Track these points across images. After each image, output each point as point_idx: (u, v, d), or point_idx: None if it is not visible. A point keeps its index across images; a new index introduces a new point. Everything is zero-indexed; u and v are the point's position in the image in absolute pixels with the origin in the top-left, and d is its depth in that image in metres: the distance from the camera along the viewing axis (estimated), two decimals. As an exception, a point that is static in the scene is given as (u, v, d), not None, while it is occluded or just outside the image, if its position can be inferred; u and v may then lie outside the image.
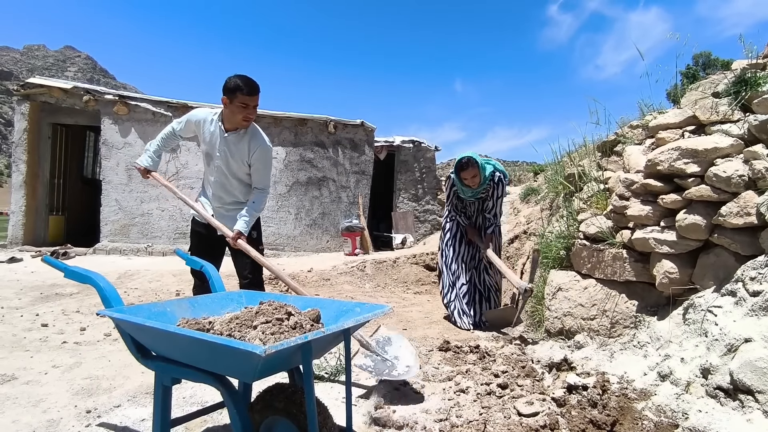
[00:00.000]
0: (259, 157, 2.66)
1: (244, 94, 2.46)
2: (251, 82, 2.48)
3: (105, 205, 7.99)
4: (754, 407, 1.65)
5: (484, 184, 3.68)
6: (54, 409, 2.07)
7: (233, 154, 2.63)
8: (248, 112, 2.52)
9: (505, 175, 3.81)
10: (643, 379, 2.19)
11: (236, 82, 2.46)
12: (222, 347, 1.20)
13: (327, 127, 9.08)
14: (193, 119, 2.72)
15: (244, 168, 2.68)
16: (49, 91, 7.94)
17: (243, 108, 2.49)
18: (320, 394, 2.14)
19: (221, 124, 2.61)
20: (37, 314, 3.79)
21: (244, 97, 2.47)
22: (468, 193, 3.77)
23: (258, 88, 2.52)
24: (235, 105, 2.48)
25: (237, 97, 2.46)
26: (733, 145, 2.26)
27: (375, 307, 1.63)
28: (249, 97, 2.48)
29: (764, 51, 2.77)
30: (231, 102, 2.48)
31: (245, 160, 2.65)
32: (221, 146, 2.62)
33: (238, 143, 2.62)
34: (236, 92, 2.46)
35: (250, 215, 2.62)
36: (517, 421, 1.91)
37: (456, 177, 3.70)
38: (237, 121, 2.55)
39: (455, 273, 3.91)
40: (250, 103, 2.50)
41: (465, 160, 3.58)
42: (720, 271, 2.22)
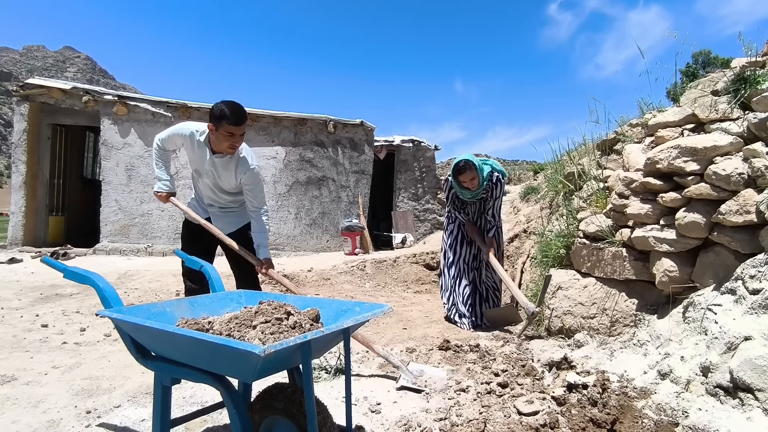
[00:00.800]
0: (248, 181, 2.67)
1: (230, 123, 2.41)
2: (238, 111, 2.43)
3: (105, 206, 7.98)
4: (754, 405, 1.65)
5: (483, 185, 3.66)
6: (54, 409, 2.07)
7: (221, 176, 2.67)
8: (234, 141, 2.48)
9: (504, 174, 3.79)
10: (643, 377, 2.19)
11: (222, 110, 2.40)
12: (221, 347, 1.19)
13: (326, 127, 9.08)
14: (179, 133, 2.69)
15: (233, 183, 2.71)
16: (48, 92, 7.94)
17: (229, 136, 2.45)
18: (320, 393, 2.14)
19: (209, 145, 2.59)
20: (37, 315, 3.79)
21: (229, 127, 2.42)
22: (467, 195, 3.75)
23: (244, 116, 2.48)
24: (220, 133, 2.44)
25: (223, 125, 2.41)
26: (733, 143, 2.26)
27: (374, 307, 1.63)
28: (235, 127, 2.43)
29: (763, 49, 2.77)
30: (217, 130, 2.44)
31: (233, 182, 2.70)
32: (209, 166, 2.64)
33: (225, 166, 2.63)
34: (222, 121, 2.40)
35: (265, 240, 2.68)
36: (517, 420, 1.91)
37: (454, 180, 3.67)
38: (223, 149, 2.53)
39: (457, 276, 3.89)
40: (236, 132, 2.45)
41: (462, 163, 3.56)
42: (720, 269, 2.22)
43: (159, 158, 2.80)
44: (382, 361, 2.78)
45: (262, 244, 2.68)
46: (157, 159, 2.80)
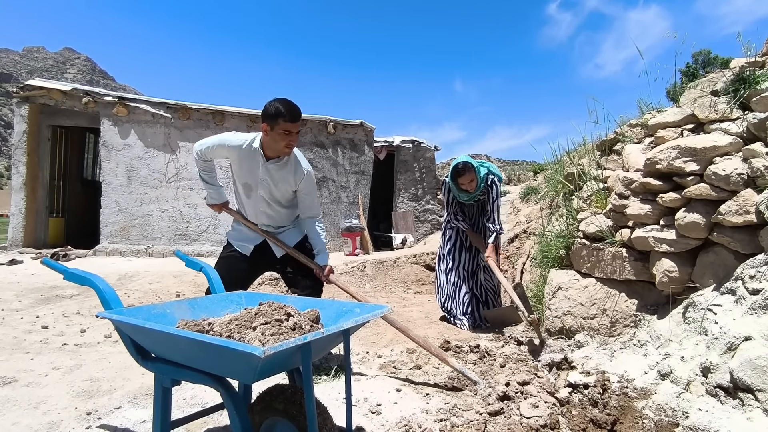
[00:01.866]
0: (306, 186, 2.58)
1: (287, 120, 2.32)
2: (294, 108, 2.35)
3: (105, 207, 7.99)
4: (755, 406, 1.65)
5: (481, 188, 3.66)
6: (54, 411, 2.07)
7: (277, 183, 2.52)
8: (291, 139, 2.38)
9: (499, 177, 3.78)
10: (643, 378, 2.19)
11: (278, 108, 2.31)
12: (221, 349, 1.20)
13: (326, 128, 9.08)
14: (226, 144, 2.52)
15: (289, 195, 2.60)
16: (48, 93, 7.94)
17: (286, 135, 2.35)
18: (320, 394, 2.14)
19: (262, 152, 2.47)
20: (38, 316, 3.79)
21: (286, 125, 2.33)
22: (464, 198, 3.74)
23: (300, 113, 2.39)
24: (276, 132, 2.34)
25: (279, 124, 2.32)
26: (732, 143, 2.26)
27: (374, 308, 1.63)
28: (292, 124, 2.34)
29: (763, 49, 2.77)
30: (272, 129, 2.34)
31: (290, 189, 2.57)
32: (263, 175, 2.50)
33: (281, 171, 2.51)
34: (278, 119, 2.31)
35: (324, 246, 2.62)
36: (517, 420, 1.91)
37: (452, 183, 3.66)
38: (279, 149, 2.42)
39: (456, 283, 3.87)
40: (293, 130, 2.36)
41: (461, 165, 3.54)
42: (720, 269, 2.22)
43: (203, 169, 2.66)
44: (382, 362, 2.78)
45: (322, 251, 2.60)
46: (201, 171, 2.67)
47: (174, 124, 8.11)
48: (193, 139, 8.11)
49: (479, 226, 3.91)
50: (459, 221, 3.86)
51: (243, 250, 2.62)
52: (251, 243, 2.63)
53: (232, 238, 2.68)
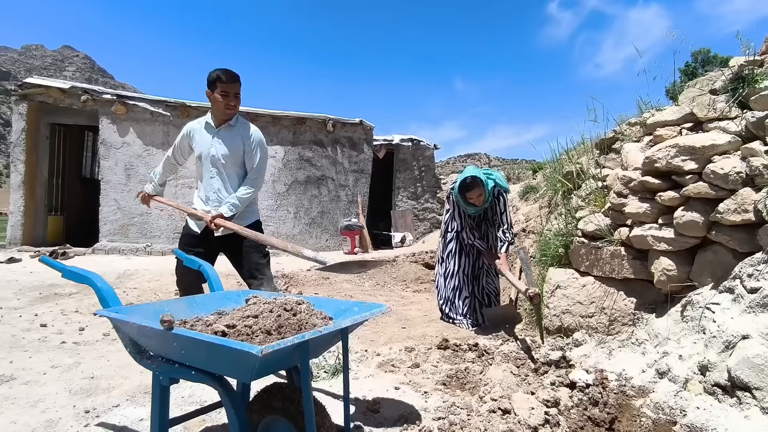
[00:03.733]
0: (255, 142, 2.71)
1: (224, 82, 2.56)
2: (229, 71, 2.59)
3: (104, 205, 7.98)
4: (752, 404, 1.65)
5: (489, 201, 3.57)
6: (53, 409, 2.07)
7: (227, 147, 2.68)
8: (229, 100, 2.59)
9: (506, 189, 3.68)
10: (641, 376, 2.19)
11: (216, 73, 2.57)
12: (219, 347, 1.20)
13: (325, 126, 9.08)
14: (183, 133, 2.78)
15: (239, 159, 2.72)
16: (47, 91, 7.92)
17: (224, 96, 2.57)
18: (318, 393, 2.14)
19: (212, 122, 2.70)
20: (36, 314, 3.79)
21: (223, 85, 2.56)
22: (471, 211, 3.66)
23: (237, 76, 2.61)
24: (216, 95, 2.57)
25: (217, 87, 2.56)
26: (731, 142, 2.26)
27: (373, 306, 1.63)
28: (228, 85, 2.57)
29: (762, 48, 2.77)
30: (213, 92, 2.58)
31: (239, 150, 2.70)
32: (214, 141, 2.69)
33: (228, 134, 2.69)
34: (216, 83, 2.56)
35: (237, 199, 2.62)
36: (515, 419, 1.91)
37: (459, 196, 3.53)
38: (221, 111, 2.62)
39: (456, 287, 3.82)
40: (230, 91, 2.58)
41: (469, 180, 3.42)
42: (718, 268, 2.22)
43: (163, 166, 2.89)
44: (380, 360, 2.78)
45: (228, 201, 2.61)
46: (160, 166, 2.89)
47: (173, 122, 8.10)
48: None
49: (482, 231, 3.85)
50: (474, 239, 3.72)
51: (195, 227, 2.72)
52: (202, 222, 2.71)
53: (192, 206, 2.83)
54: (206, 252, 2.67)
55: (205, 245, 2.69)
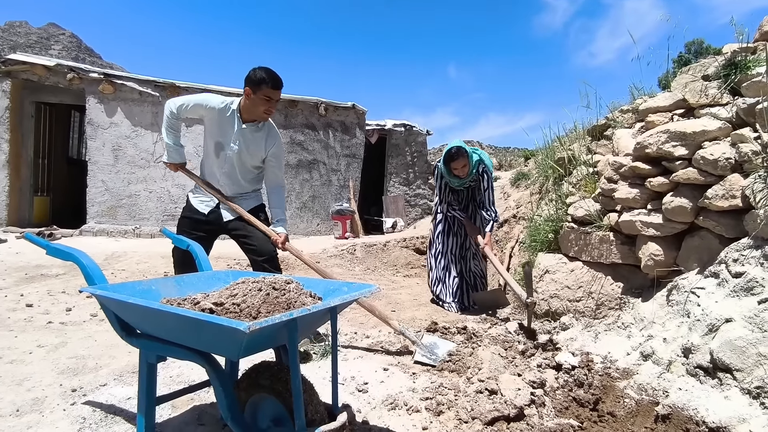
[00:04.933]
0: (276, 153, 2.67)
1: (269, 87, 2.45)
2: (276, 76, 2.48)
3: (91, 186, 7.86)
4: (732, 385, 1.69)
5: (472, 173, 3.65)
6: (39, 387, 2.05)
7: (248, 147, 2.59)
8: (270, 106, 2.51)
9: (490, 165, 3.76)
10: (626, 358, 2.23)
11: (262, 75, 2.44)
12: (206, 324, 1.19)
13: (318, 110, 8.98)
14: (204, 104, 2.57)
15: (257, 162, 2.67)
16: (31, 69, 7.72)
17: (266, 101, 2.48)
18: (307, 373, 2.15)
19: (239, 115, 2.56)
20: (22, 294, 3.74)
21: (268, 90, 2.45)
22: (456, 183, 3.71)
23: (282, 82, 2.51)
24: (258, 97, 2.46)
25: (261, 89, 2.44)
26: (721, 128, 2.27)
27: (362, 287, 1.63)
28: (273, 91, 2.47)
29: (755, 35, 2.77)
30: (254, 93, 2.46)
31: (260, 154, 2.64)
32: (237, 137, 2.57)
33: (254, 135, 2.60)
34: (261, 85, 2.44)
35: (284, 215, 2.68)
36: (501, 399, 1.93)
37: (444, 167, 3.62)
38: (258, 114, 2.53)
39: (445, 267, 3.88)
40: (274, 97, 2.49)
41: (454, 150, 3.51)
42: (704, 253, 2.25)
43: (170, 127, 2.63)
44: (370, 342, 2.80)
45: (282, 221, 2.66)
46: (168, 128, 2.63)
47: (162, 103, 7.95)
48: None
49: (470, 211, 3.91)
50: (455, 211, 3.83)
51: (200, 208, 2.65)
52: (209, 203, 2.66)
53: (192, 197, 2.72)
54: (209, 235, 2.66)
55: (209, 227, 2.65)
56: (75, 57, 20.24)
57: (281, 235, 2.60)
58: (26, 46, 20.63)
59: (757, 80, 2.25)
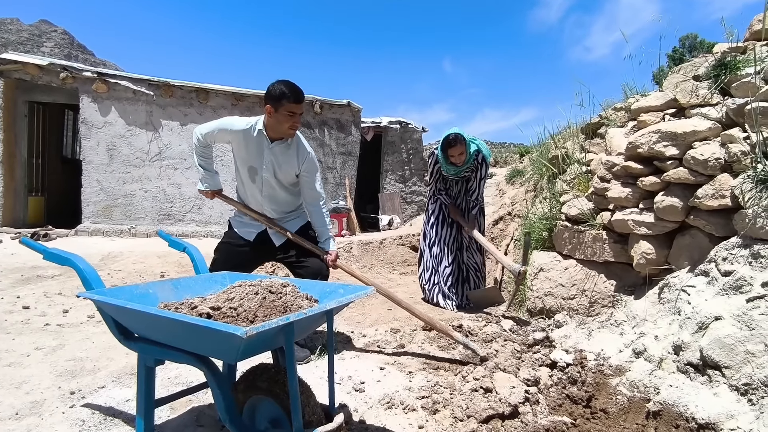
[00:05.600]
0: (309, 168, 2.58)
1: (291, 102, 2.36)
2: (297, 89, 2.40)
3: (86, 186, 7.83)
4: (721, 381, 1.73)
5: (469, 163, 3.65)
6: (37, 390, 2.07)
7: (281, 165, 2.53)
8: (294, 120, 2.42)
9: (488, 156, 3.78)
10: (618, 356, 2.26)
11: (282, 90, 2.36)
12: (203, 329, 1.20)
13: (312, 107, 8.97)
14: (228, 128, 2.51)
15: (292, 178, 2.59)
16: (23, 68, 7.66)
17: (290, 117, 2.39)
18: (304, 373, 2.18)
19: (265, 134, 2.48)
20: (18, 296, 3.75)
21: (290, 105, 2.37)
22: (451, 171, 3.72)
23: (303, 94, 2.43)
24: (281, 114, 2.38)
25: (283, 105, 2.36)
26: (711, 128, 2.30)
27: (358, 289, 1.65)
28: (295, 105, 2.39)
29: (745, 35, 2.80)
30: (276, 111, 2.38)
31: (294, 171, 2.56)
32: (268, 157, 2.51)
33: (285, 153, 2.53)
34: (282, 100, 2.35)
35: (329, 232, 2.64)
36: (496, 397, 1.96)
37: (442, 154, 3.61)
38: (283, 131, 2.44)
39: (438, 256, 3.90)
40: (297, 111, 2.41)
41: (452, 136, 3.50)
42: (695, 251, 2.29)
43: (200, 155, 2.62)
44: (366, 342, 2.82)
45: (328, 237, 2.61)
46: (199, 156, 2.62)
47: (156, 102, 7.92)
48: (176, 117, 7.94)
49: (463, 207, 3.92)
50: (441, 195, 3.87)
51: (246, 236, 2.59)
52: (255, 229, 2.61)
53: (236, 223, 2.66)
54: (253, 261, 2.63)
55: (255, 254, 2.60)
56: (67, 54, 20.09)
57: (332, 253, 2.57)
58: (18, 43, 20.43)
59: (747, 80, 2.28)
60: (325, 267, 2.57)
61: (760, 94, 2.12)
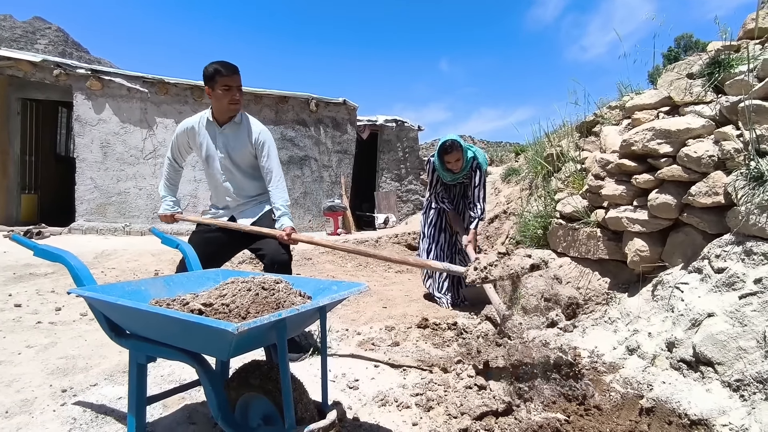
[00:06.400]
0: (260, 141, 2.53)
1: (224, 76, 2.37)
2: (229, 63, 2.41)
3: (80, 184, 7.78)
4: (713, 378, 1.73)
5: (466, 170, 3.64)
6: (28, 388, 2.05)
7: (234, 147, 2.53)
8: (232, 94, 2.42)
9: (484, 163, 3.73)
10: (612, 353, 2.27)
11: (214, 67, 2.38)
12: (195, 325, 1.19)
13: (309, 105, 8.95)
14: (182, 129, 2.58)
15: (249, 160, 2.58)
16: (16, 64, 7.60)
17: (227, 91, 2.40)
18: (298, 370, 2.17)
19: (214, 121, 2.52)
20: (10, 294, 3.71)
21: (224, 79, 2.38)
22: (448, 178, 3.70)
23: (236, 68, 2.43)
24: (218, 91, 2.39)
25: (218, 81, 2.37)
26: (705, 126, 2.31)
27: (352, 285, 1.64)
28: (230, 78, 2.39)
29: (739, 33, 2.81)
30: (213, 89, 2.40)
31: (247, 150, 2.55)
32: (220, 142, 2.53)
33: (236, 134, 2.53)
34: (216, 77, 2.37)
35: (285, 209, 2.55)
36: (490, 394, 1.96)
37: (438, 160, 3.60)
38: (224, 108, 2.45)
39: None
40: (233, 84, 2.41)
41: (449, 143, 3.47)
42: (688, 249, 2.29)
43: (167, 179, 2.71)
44: (361, 339, 2.82)
45: (283, 214, 2.54)
46: (165, 180, 2.71)
47: (151, 99, 7.88)
48: (171, 115, 7.90)
49: (460, 209, 3.91)
50: (444, 202, 3.84)
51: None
52: (224, 218, 2.62)
53: (208, 213, 2.71)
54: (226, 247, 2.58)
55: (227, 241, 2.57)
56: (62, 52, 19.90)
57: (285, 229, 2.49)
58: (11, 40, 20.23)
59: (740, 78, 2.28)
60: (280, 251, 2.48)
61: (754, 92, 2.12)
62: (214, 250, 2.46)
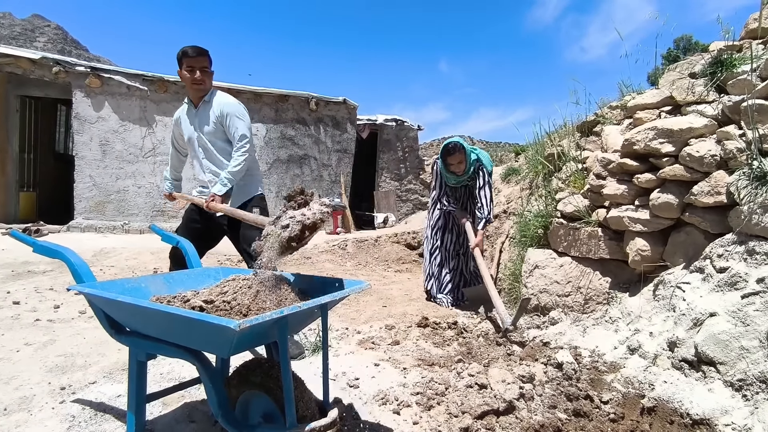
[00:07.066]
0: (229, 113, 2.59)
1: (189, 56, 2.54)
2: (196, 46, 2.57)
3: (79, 182, 7.76)
4: (716, 377, 1.73)
5: (469, 173, 3.63)
6: (27, 386, 2.04)
7: (206, 121, 2.64)
8: (195, 75, 2.56)
9: (489, 166, 3.69)
10: (613, 352, 2.26)
11: (182, 50, 2.56)
12: (196, 322, 1.18)
13: (308, 104, 8.93)
14: (173, 122, 2.81)
15: (221, 134, 2.63)
16: (15, 62, 7.58)
17: (190, 71, 2.55)
18: (299, 369, 2.16)
19: (191, 103, 2.69)
20: (9, 292, 3.70)
21: (189, 60, 2.54)
22: (452, 181, 3.69)
23: (203, 50, 2.58)
24: (184, 72, 2.56)
25: (183, 63, 2.55)
26: (707, 125, 2.30)
27: (353, 283, 1.63)
28: (193, 59, 2.54)
29: (741, 33, 2.80)
30: (181, 70, 2.57)
31: (219, 122, 2.61)
32: (194, 120, 2.67)
33: (205, 110, 2.65)
34: (182, 59, 2.55)
35: (228, 173, 2.51)
36: (491, 393, 1.96)
37: (441, 162, 3.61)
38: (190, 87, 2.61)
39: (440, 263, 3.88)
40: (196, 65, 2.55)
41: (451, 145, 3.49)
42: (690, 248, 2.29)
43: (171, 165, 2.94)
44: (361, 338, 2.81)
45: (218, 182, 2.51)
46: (170, 165, 2.95)
47: (150, 97, 7.86)
48: (171, 113, 7.87)
49: (468, 210, 3.88)
50: (449, 204, 3.81)
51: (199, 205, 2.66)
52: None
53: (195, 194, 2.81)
54: (210, 231, 2.67)
55: (208, 224, 2.66)
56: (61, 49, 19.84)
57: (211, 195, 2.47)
58: (10, 38, 20.17)
59: (743, 78, 2.28)
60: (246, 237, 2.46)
61: (756, 92, 2.12)
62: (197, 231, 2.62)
